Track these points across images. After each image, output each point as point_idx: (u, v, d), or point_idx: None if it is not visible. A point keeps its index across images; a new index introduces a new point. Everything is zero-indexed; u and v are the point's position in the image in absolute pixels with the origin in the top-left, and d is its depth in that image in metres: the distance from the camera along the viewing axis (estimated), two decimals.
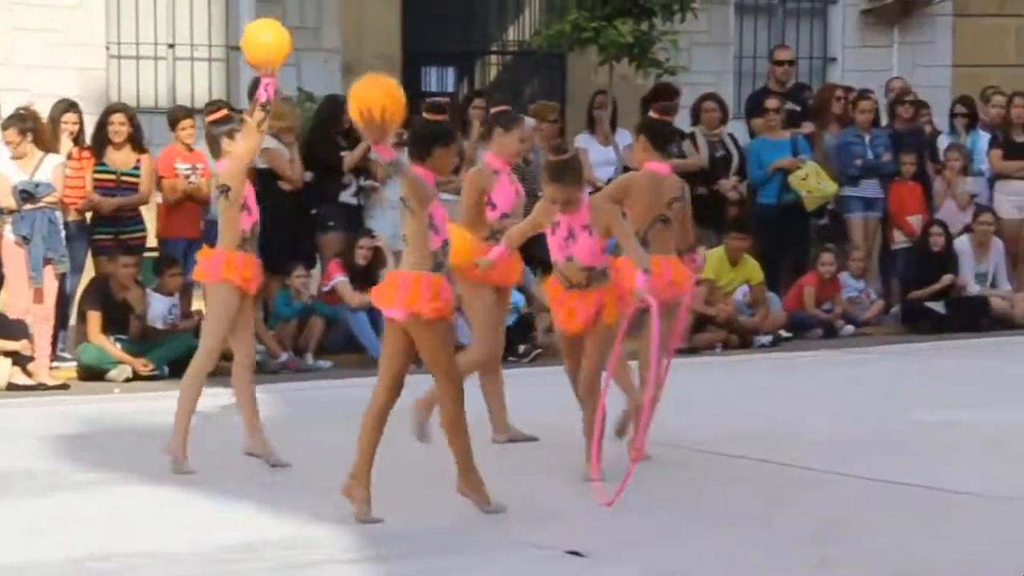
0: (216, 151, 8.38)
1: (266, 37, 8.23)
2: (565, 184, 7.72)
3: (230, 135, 8.29)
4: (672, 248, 8.40)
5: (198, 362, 8.40)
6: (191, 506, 7.42)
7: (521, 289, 13.85)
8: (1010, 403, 9.02)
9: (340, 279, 12.99)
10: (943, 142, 15.83)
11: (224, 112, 8.55)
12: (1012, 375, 11.61)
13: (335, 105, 13.64)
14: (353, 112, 6.88)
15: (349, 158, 13.37)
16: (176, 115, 13.29)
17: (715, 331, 13.84)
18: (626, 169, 12.72)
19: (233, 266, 8.31)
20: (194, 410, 8.36)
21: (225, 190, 8.23)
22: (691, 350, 13.45)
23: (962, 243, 15.09)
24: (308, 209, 13.52)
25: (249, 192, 8.39)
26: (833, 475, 7.76)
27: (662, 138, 8.54)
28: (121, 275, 12.40)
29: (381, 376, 7.09)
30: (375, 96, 6.86)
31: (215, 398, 9.69)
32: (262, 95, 8.13)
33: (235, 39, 15.90)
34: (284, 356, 12.64)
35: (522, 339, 13.24)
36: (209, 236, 13.02)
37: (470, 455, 7.10)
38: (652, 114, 9.04)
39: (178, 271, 12.54)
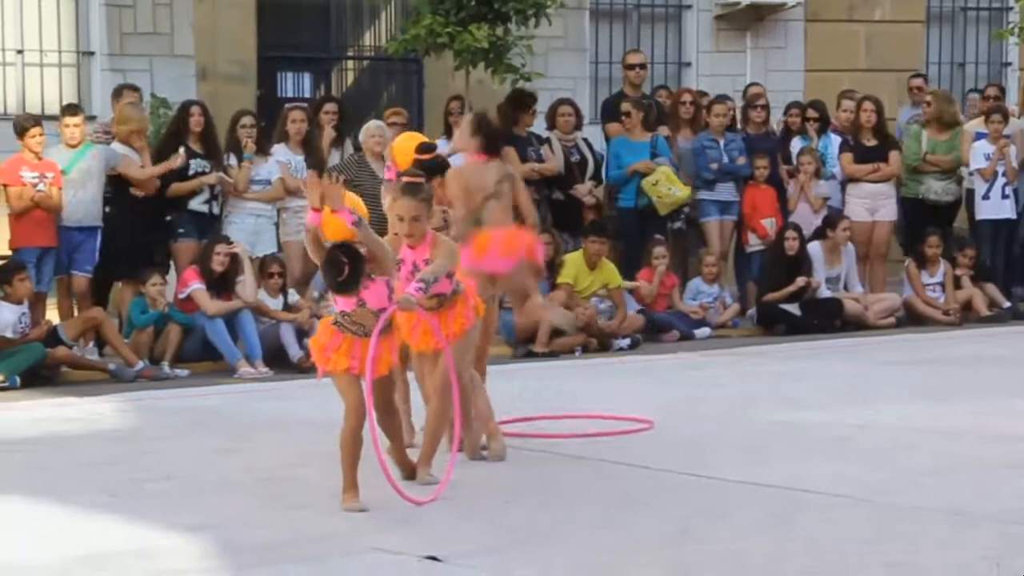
0: None
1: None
2: (413, 199, 7.72)
3: None
4: (508, 222, 8.67)
5: None
6: (41, 518, 7.30)
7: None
8: (860, 403, 9.16)
9: (197, 286, 12.86)
10: (796, 146, 16.05)
11: None
12: (863, 376, 11.78)
13: (187, 112, 13.55)
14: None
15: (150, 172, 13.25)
16: (24, 123, 13.06)
17: (574, 335, 13.89)
18: None
19: None
20: None
21: None
22: (551, 354, 13.53)
23: (815, 247, 15.30)
24: (162, 216, 13.42)
25: None
26: (689, 476, 7.82)
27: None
28: None
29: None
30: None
31: (59, 408, 9.57)
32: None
33: (85, 45, 15.73)
34: (140, 365, 12.48)
35: None
36: (66, 242, 12.89)
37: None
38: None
39: (25, 278, 12.34)
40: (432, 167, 8.39)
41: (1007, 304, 15.70)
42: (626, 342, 14.12)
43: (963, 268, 15.71)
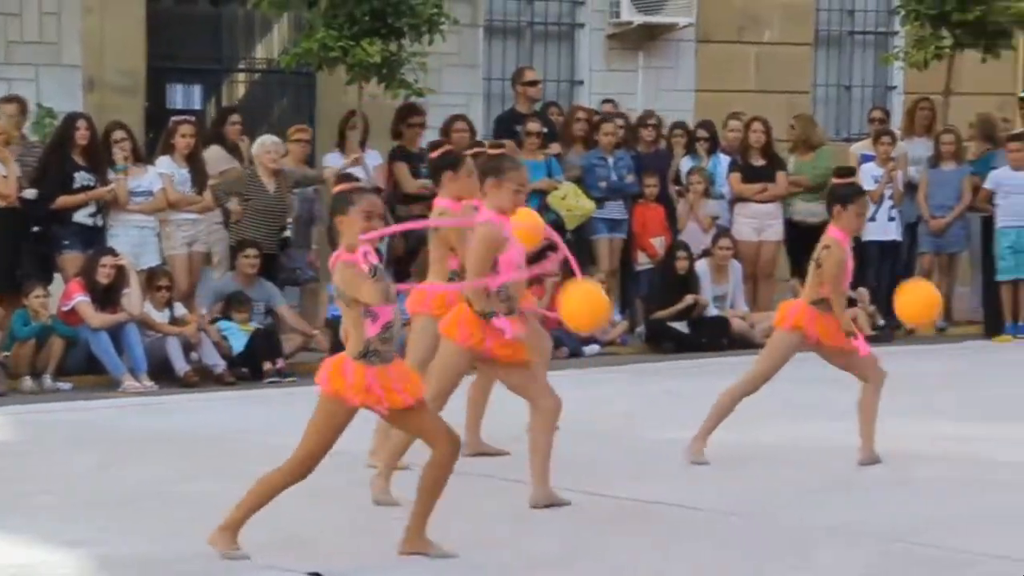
0: None
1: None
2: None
3: None
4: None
5: None
6: None
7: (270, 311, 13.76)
8: (746, 420, 9.21)
9: (81, 299, 12.70)
10: (685, 165, 16.17)
11: None
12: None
13: (72, 125, 13.39)
14: None
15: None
16: None
17: None
18: (377, 189, 12.74)
19: None
20: None
21: None
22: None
23: (702, 265, 15.42)
24: (31, 226, 13.25)
25: None
26: (577, 494, 7.84)
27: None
28: None
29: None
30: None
31: None
32: None
33: None
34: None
35: (269, 357, 13.13)
36: None
37: None
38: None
39: None
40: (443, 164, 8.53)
41: (881, 322, 15.86)
42: None
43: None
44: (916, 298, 8.93)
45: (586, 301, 7.79)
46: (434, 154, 8.97)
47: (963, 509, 7.67)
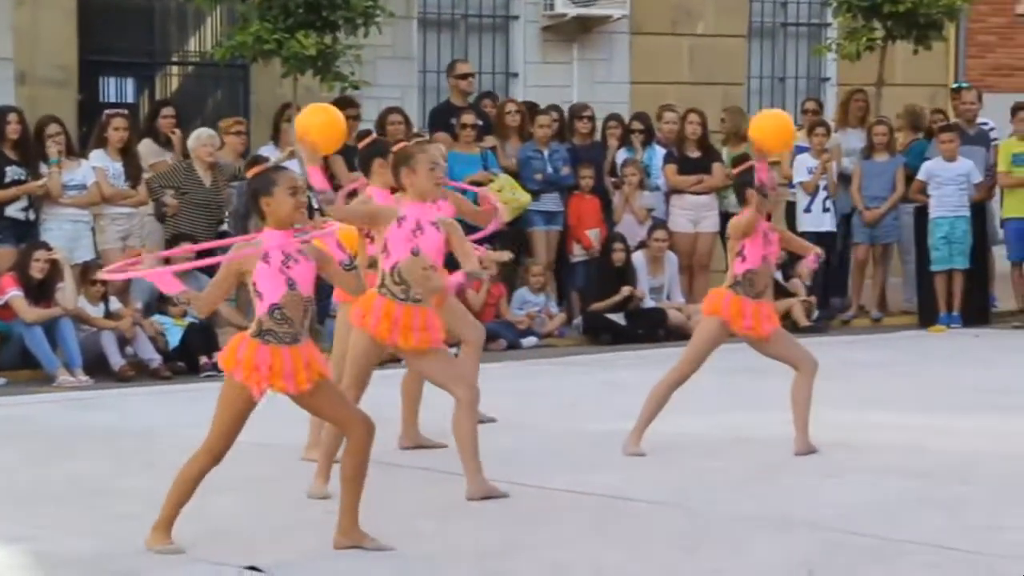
0: None
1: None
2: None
3: None
4: None
5: None
6: None
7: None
8: (681, 411, 9.25)
9: (14, 293, 12.60)
10: (620, 157, 16.21)
11: None
12: (685, 385, 11.89)
13: (3, 119, 13.27)
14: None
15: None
16: None
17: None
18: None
19: None
20: None
21: None
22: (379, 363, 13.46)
23: (638, 257, 15.47)
24: None
25: None
26: (511, 485, 7.85)
27: None
28: None
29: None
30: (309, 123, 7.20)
31: None
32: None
33: None
34: None
35: (204, 351, 13.07)
36: None
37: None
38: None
39: None
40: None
41: (815, 314, 15.94)
42: (453, 351, 14.09)
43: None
44: (767, 123, 8.88)
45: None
46: (362, 143, 9.00)
47: (897, 498, 7.73)
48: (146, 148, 14.31)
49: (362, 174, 9.17)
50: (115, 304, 13.16)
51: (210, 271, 13.82)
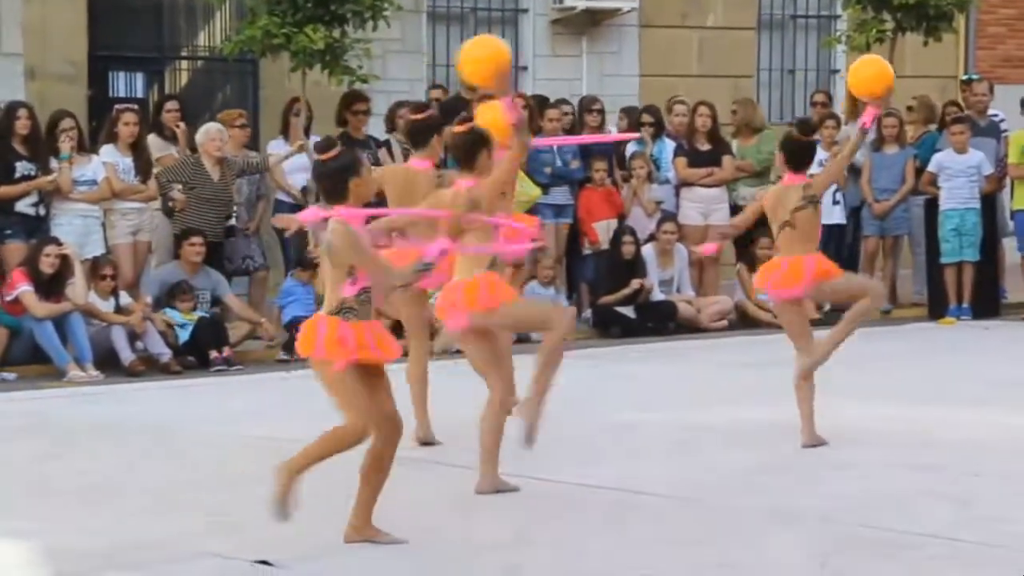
0: None
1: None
2: None
3: None
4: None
5: None
6: None
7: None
8: (694, 405, 9.27)
9: (25, 288, 12.61)
10: (629, 150, 16.19)
11: None
12: (696, 378, 11.92)
13: (13, 114, 13.28)
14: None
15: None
16: None
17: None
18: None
19: None
20: None
21: None
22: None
23: (648, 250, 15.45)
24: None
25: None
26: (524, 479, 7.85)
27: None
28: None
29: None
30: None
31: None
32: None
33: None
34: None
35: (215, 346, 13.08)
36: None
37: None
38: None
39: None
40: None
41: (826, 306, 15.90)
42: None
43: None
44: (867, 70, 9.05)
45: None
46: (418, 116, 9.35)
47: (908, 490, 7.73)
48: (151, 142, 14.32)
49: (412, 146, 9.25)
50: (125, 299, 13.16)
51: (219, 265, 13.94)
